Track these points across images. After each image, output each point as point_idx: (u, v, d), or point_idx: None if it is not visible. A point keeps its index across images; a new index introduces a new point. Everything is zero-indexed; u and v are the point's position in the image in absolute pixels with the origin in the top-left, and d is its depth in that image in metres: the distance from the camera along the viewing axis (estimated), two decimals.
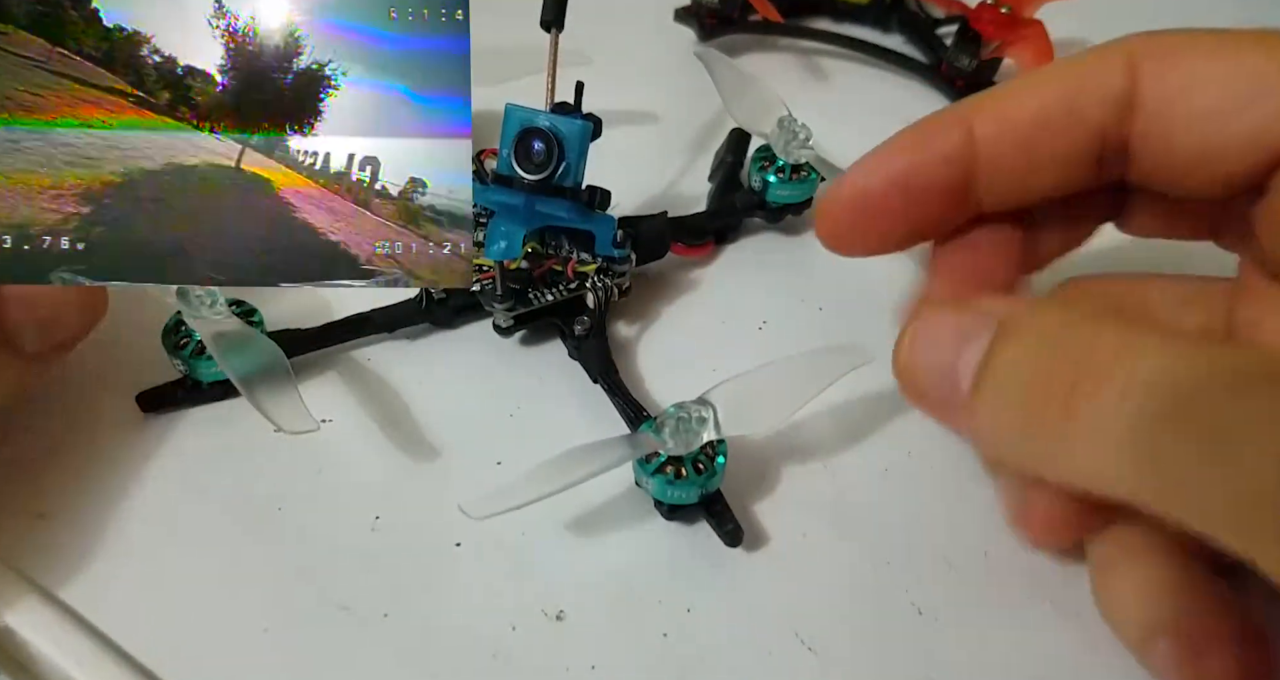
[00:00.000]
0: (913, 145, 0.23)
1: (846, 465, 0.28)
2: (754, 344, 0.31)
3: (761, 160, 0.33)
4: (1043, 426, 0.18)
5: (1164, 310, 0.24)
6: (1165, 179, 0.21)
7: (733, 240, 0.34)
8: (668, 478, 0.24)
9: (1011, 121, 0.21)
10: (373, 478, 0.27)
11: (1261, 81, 0.19)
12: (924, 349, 0.21)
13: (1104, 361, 0.17)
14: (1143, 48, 0.20)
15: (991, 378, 0.19)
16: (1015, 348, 0.19)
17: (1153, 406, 0.16)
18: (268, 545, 0.25)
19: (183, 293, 0.25)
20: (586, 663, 0.23)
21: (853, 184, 0.23)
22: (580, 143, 0.26)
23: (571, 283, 0.29)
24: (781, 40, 0.44)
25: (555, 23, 0.27)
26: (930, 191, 0.22)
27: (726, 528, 0.25)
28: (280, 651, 0.23)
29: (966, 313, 0.20)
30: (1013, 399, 0.19)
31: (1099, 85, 0.20)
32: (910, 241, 0.24)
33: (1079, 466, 0.18)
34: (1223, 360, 0.16)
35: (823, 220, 0.24)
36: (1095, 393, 0.17)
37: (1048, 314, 0.19)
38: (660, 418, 0.24)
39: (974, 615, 0.25)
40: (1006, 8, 0.39)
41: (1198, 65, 0.19)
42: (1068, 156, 0.21)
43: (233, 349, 0.25)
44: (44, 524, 0.25)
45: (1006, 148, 0.22)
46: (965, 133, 0.22)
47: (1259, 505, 0.15)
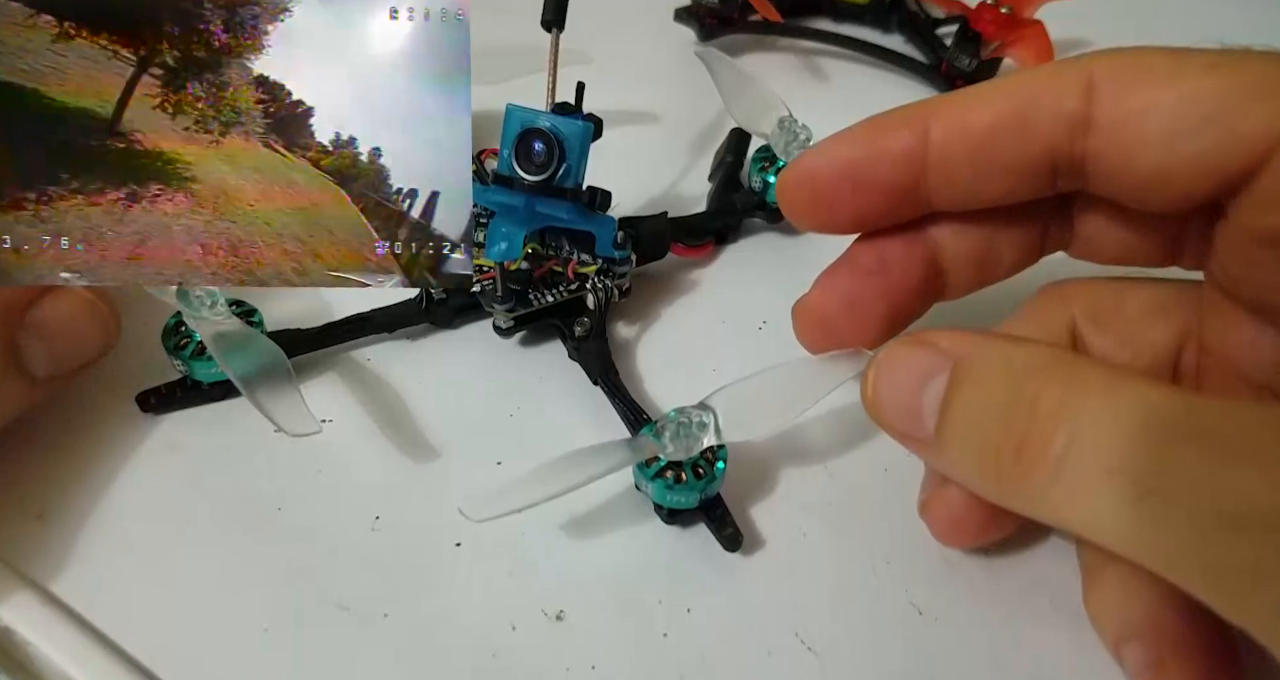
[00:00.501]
0: (866, 138, 0.23)
1: (846, 465, 0.28)
2: (754, 344, 0.31)
3: (762, 161, 0.34)
4: (1003, 476, 0.19)
5: (1138, 317, 0.25)
6: (1122, 194, 0.21)
7: (733, 240, 0.34)
8: (667, 482, 0.24)
9: (965, 129, 0.22)
10: (373, 478, 0.27)
11: (1209, 107, 0.19)
12: (886, 389, 0.21)
13: (1047, 417, 0.18)
14: (1102, 69, 0.20)
15: (951, 423, 0.20)
16: (968, 394, 0.20)
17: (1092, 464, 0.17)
18: (268, 545, 0.25)
19: (183, 292, 0.25)
20: (586, 663, 0.23)
21: (804, 166, 0.24)
22: (581, 144, 0.26)
23: (572, 284, 0.29)
24: (781, 40, 0.44)
25: (556, 23, 0.27)
26: (877, 185, 0.23)
27: (725, 532, 0.25)
28: (280, 651, 0.23)
29: (923, 352, 0.21)
30: (973, 445, 0.20)
31: (1053, 103, 0.21)
32: (859, 227, 0.25)
33: (1047, 514, 0.19)
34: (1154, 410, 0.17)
35: (778, 194, 0.25)
36: (1043, 451, 0.18)
37: (996, 362, 0.20)
38: (660, 422, 0.24)
39: (974, 615, 0.25)
40: (1006, 8, 0.39)
41: (1151, 91, 0.20)
42: (1017, 168, 0.22)
43: (233, 350, 0.25)
44: (43, 524, 0.25)
45: (958, 153, 0.22)
46: (920, 133, 0.22)
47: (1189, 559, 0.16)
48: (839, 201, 0.23)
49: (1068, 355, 0.19)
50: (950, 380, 0.20)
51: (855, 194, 0.23)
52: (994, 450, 0.19)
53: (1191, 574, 0.16)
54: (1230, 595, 0.16)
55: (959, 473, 0.21)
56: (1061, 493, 0.18)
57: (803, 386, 0.25)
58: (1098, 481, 0.17)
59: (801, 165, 0.24)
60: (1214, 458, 0.16)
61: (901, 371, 0.21)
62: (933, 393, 0.20)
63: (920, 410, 0.20)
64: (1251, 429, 0.16)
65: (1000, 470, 0.19)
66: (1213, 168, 0.19)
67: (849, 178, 0.23)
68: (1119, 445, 0.17)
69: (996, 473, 0.19)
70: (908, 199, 0.23)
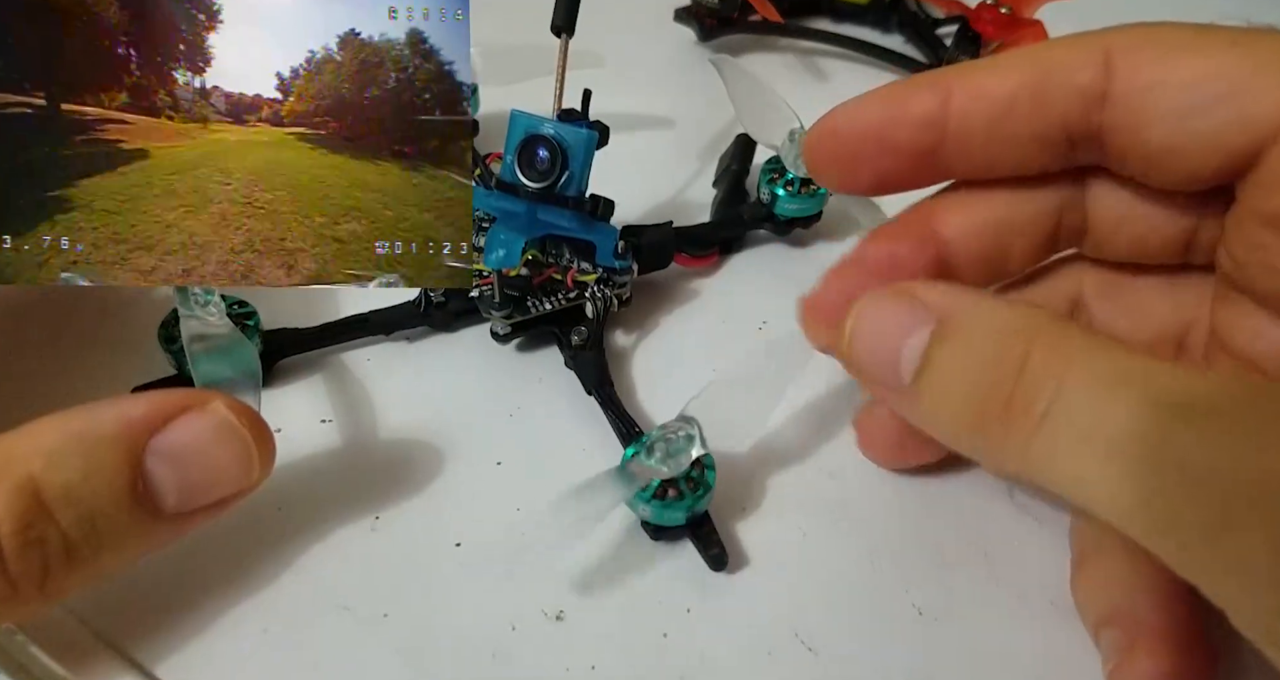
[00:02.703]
0: (891, 100, 0.23)
1: (845, 465, 0.28)
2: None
3: (771, 172, 0.33)
4: (983, 430, 0.19)
5: (1146, 290, 0.25)
6: (1134, 170, 0.22)
7: (738, 250, 0.34)
8: (665, 501, 0.24)
9: (985, 95, 0.22)
10: (373, 478, 0.27)
11: (1222, 86, 0.19)
12: (866, 336, 0.21)
13: (1034, 376, 0.18)
14: (1120, 42, 0.21)
15: (931, 376, 0.20)
16: (953, 349, 0.20)
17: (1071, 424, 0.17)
18: (268, 545, 0.25)
19: (181, 289, 0.25)
20: (586, 663, 0.23)
21: (829, 124, 0.24)
22: (585, 152, 0.26)
23: (571, 292, 0.29)
24: (781, 40, 0.44)
25: (566, 28, 0.27)
26: (898, 146, 0.23)
27: (711, 552, 0.25)
28: (280, 651, 0.23)
29: (906, 303, 0.20)
30: (952, 398, 0.19)
31: (1070, 74, 0.21)
32: (879, 189, 0.25)
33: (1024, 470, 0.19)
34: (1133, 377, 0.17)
35: (804, 151, 0.25)
36: (1028, 408, 0.18)
37: (984, 320, 0.20)
38: (648, 441, 0.24)
39: (974, 615, 0.25)
40: (1006, 8, 0.39)
41: (1170, 64, 0.20)
42: (1034, 137, 0.22)
43: (208, 351, 0.24)
44: None
45: (977, 119, 0.22)
46: (942, 98, 0.22)
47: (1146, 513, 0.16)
48: (861, 161, 0.24)
49: (1059, 319, 0.19)
50: (935, 334, 0.20)
51: (877, 154, 0.23)
52: (977, 405, 0.19)
53: (1148, 529, 0.16)
54: (1185, 551, 0.16)
55: (934, 424, 0.21)
56: (1040, 450, 0.18)
57: (770, 375, 0.25)
58: (1075, 442, 0.17)
59: (826, 123, 0.24)
60: (1183, 421, 0.16)
61: (883, 320, 0.21)
62: (913, 344, 0.20)
63: (898, 361, 0.20)
64: (1224, 397, 0.16)
65: (982, 424, 0.19)
66: (1220, 146, 0.19)
67: (871, 137, 0.23)
68: (1097, 408, 0.17)
69: (977, 427, 0.19)
70: (927, 163, 0.23)
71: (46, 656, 0.23)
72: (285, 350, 0.28)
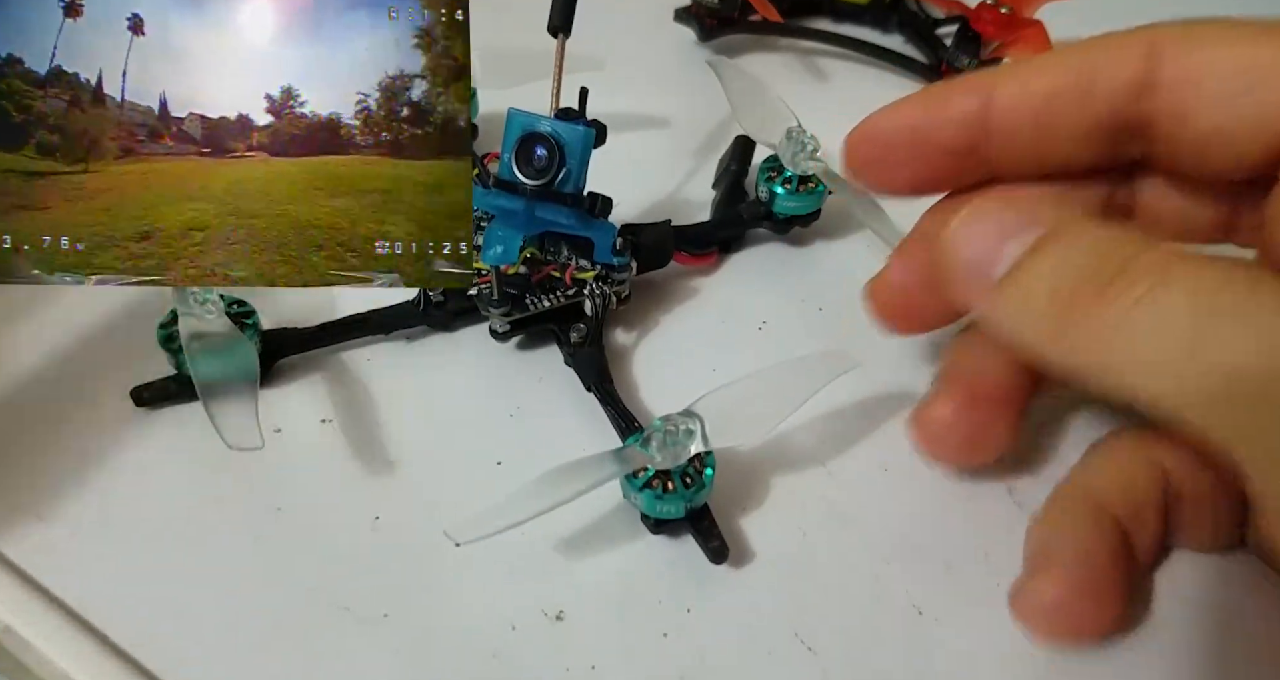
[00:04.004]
0: (930, 102, 0.24)
1: (846, 465, 0.28)
2: (755, 352, 0.31)
3: (769, 171, 0.33)
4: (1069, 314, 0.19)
5: None
6: (1182, 156, 0.22)
7: (738, 250, 0.34)
8: (656, 492, 0.24)
9: (1029, 94, 0.23)
10: (373, 478, 0.27)
11: (1273, 68, 0.20)
12: (966, 237, 0.21)
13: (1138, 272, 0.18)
14: (1166, 34, 0.21)
15: (1024, 271, 0.20)
16: (1060, 246, 0.20)
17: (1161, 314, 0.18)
18: (268, 545, 0.25)
19: (180, 289, 0.25)
20: (586, 663, 0.23)
21: (868, 126, 0.25)
22: (582, 149, 0.26)
23: (569, 289, 0.29)
24: (781, 40, 0.43)
25: (563, 29, 0.27)
26: (938, 146, 0.24)
27: (712, 545, 0.25)
28: (280, 651, 0.23)
29: (1014, 213, 0.21)
30: (1045, 287, 0.20)
31: (1117, 67, 0.22)
32: (918, 189, 0.25)
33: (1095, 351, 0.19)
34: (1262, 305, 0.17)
35: (845, 152, 0.25)
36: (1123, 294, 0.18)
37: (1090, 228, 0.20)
38: (647, 431, 0.24)
39: (974, 615, 0.25)
40: (1006, 8, 0.39)
41: (1217, 51, 0.21)
42: (1079, 132, 0.23)
43: (206, 351, 0.24)
44: (43, 524, 0.25)
45: (1022, 115, 0.23)
46: (984, 99, 0.23)
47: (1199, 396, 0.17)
48: (899, 161, 0.24)
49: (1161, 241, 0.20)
50: (1044, 236, 0.20)
51: (915, 155, 0.24)
52: (1070, 290, 0.19)
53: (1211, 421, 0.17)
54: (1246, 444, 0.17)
55: (1012, 317, 0.21)
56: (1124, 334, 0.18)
57: (788, 389, 0.25)
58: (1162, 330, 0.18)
59: (866, 125, 0.25)
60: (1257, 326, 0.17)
61: (987, 224, 0.21)
62: (1014, 246, 0.20)
63: (994, 259, 0.20)
64: None
65: (1070, 310, 0.19)
66: (1267, 128, 0.20)
67: (909, 139, 0.24)
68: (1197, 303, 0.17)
69: (1065, 313, 0.19)
70: (969, 162, 0.24)
71: (47, 656, 0.23)
72: (284, 350, 0.28)
